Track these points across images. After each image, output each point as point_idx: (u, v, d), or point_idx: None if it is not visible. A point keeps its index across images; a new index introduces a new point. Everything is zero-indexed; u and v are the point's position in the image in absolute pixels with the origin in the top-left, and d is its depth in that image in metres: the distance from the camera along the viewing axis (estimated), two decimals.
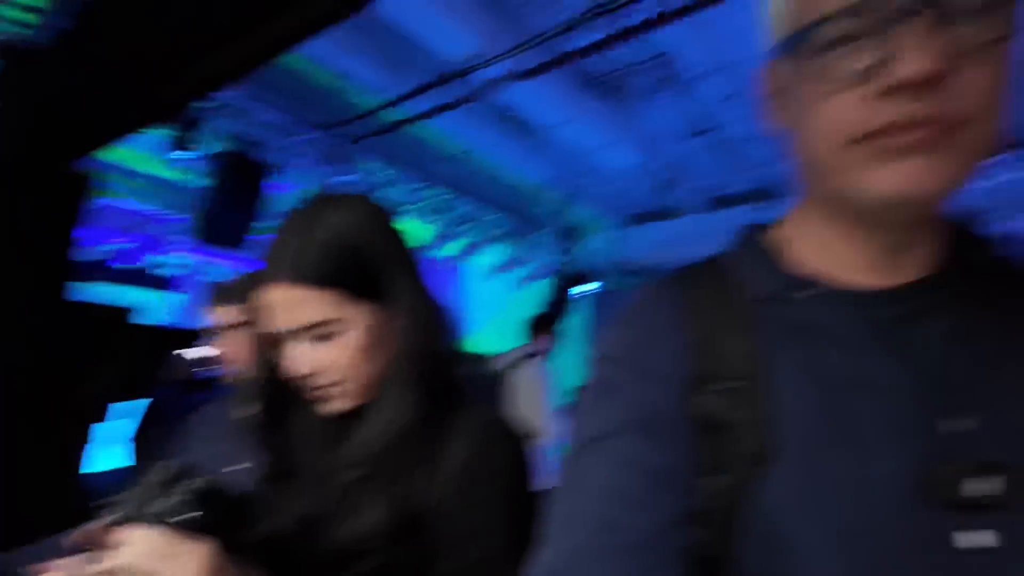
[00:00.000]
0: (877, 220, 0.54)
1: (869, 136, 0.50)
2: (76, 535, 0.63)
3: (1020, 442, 0.51)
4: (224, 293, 1.38)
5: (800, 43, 0.51)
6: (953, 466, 0.50)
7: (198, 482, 0.71)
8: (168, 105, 1.93)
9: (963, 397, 0.53)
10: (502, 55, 2.59)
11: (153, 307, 5.56)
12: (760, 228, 0.66)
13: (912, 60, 0.47)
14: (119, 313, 2.71)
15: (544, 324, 3.67)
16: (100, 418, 2.47)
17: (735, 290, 0.61)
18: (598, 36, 2.40)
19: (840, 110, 0.50)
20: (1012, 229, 4.11)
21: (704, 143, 3.73)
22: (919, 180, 0.49)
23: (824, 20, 0.50)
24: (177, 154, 2.73)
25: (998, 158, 3.58)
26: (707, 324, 0.60)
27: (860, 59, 0.49)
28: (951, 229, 0.60)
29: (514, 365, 3.46)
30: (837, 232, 0.58)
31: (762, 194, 4.37)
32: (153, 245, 4.82)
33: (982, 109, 0.49)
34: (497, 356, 3.55)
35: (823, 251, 0.59)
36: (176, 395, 2.77)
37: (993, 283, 0.59)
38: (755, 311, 0.60)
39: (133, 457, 2.70)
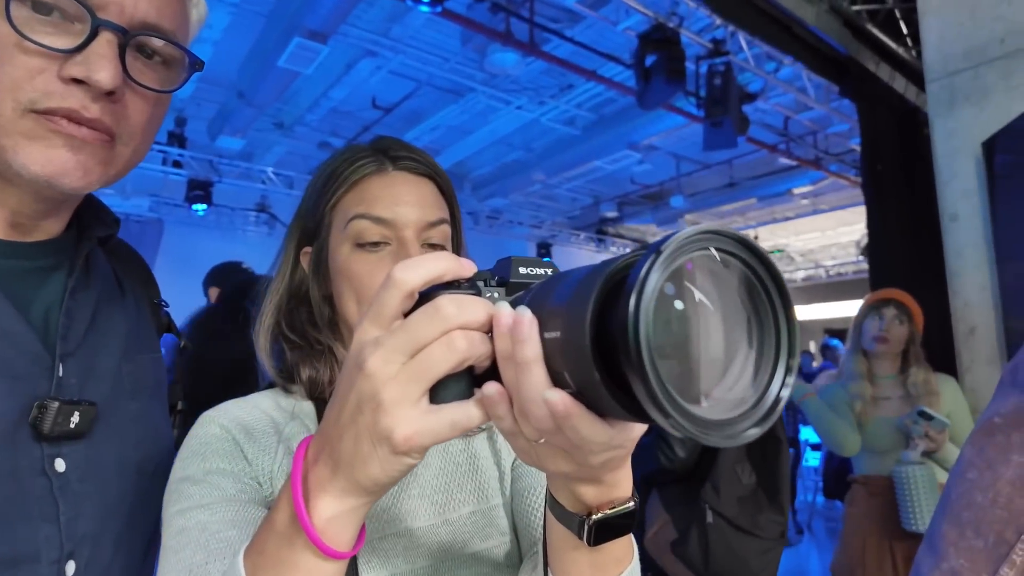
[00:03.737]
0: (23, 186, 0.61)
1: (44, 112, 0.57)
2: None
3: (102, 383, 0.68)
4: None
5: None
6: (51, 404, 0.61)
7: None
8: None
9: (73, 345, 0.66)
10: None
11: None
12: None
13: (104, 68, 0.57)
14: None
15: None
16: None
17: None
18: None
19: (25, 73, 0.57)
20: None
21: None
22: (67, 171, 0.59)
23: None
24: None
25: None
26: None
27: (60, 37, 0.56)
28: (84, 206, 0.73)
29: None
30: None
31: None
32: None
33: (133, 136, 0.64)
34: None
35: None
36: None
37: (106, 254, 0.77)
38: None
39: None
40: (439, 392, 0.43)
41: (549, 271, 0.48)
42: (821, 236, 10.57)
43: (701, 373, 0.36)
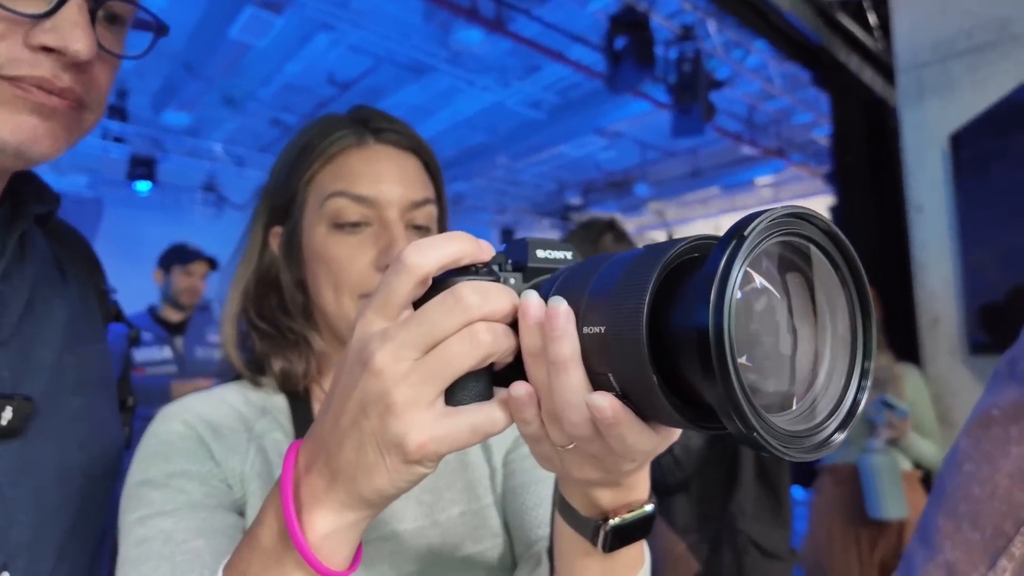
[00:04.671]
0: None
1: (11, 79, 0.53)
2: None
3: (40, 376, 0.62)
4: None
5: None
6: None
7: None
8: None
9: (6, 334, 0.61)
10: None
11: None
12: None
13: (80, 39, 0.53)
14: None
15: None
16: None
17: None
18: None
19: None
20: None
21: None
22: (37, 137, 0.55)
23: None
24: None
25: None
26: None
27: (26, 1, 0.52)
28: (18, 179, 0.66)
29: None
30: None
31: None
32: None
33: (100, 103, 0.61)
34: None
35: None
36: None
37: (45, 235, 0.71)
38: None
39: None
40: (456, 392, 0.38)
41: (569, 255, 0.45)
42: None
43: (778, 377, 0.33)
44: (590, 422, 0.36)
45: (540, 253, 0.43)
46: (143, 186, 6.22)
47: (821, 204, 8.25)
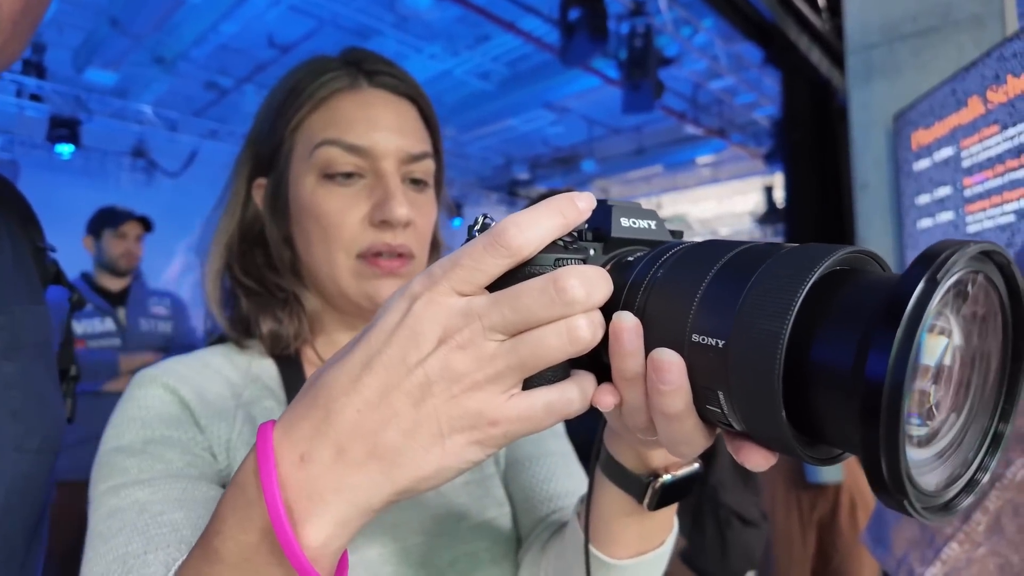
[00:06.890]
0: None
1: None
2: None
3: None
4: None
5: None
6: None
7: None
8: None
9: None
10: None
11: None
12: None
13: None
14: None
15: None
16: None
17: None
18: None
19: None
20: None
21: None
22: None
23: None
24: None
25: None
26: None
27: None
28: None
29: None
30: None
31: None
32: None
33: None
34: None
35: None
36: None
37: None
38: None
39: None
40: (534, 376, 0.35)
41: (653, 224, 0.40)
42: (717, 205, 11.14)
43: (926, 429, 0.29)
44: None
45: (624, 222, 0.39)
46: (65, 149, 5.75)
47: (757, 184, 8.55)
